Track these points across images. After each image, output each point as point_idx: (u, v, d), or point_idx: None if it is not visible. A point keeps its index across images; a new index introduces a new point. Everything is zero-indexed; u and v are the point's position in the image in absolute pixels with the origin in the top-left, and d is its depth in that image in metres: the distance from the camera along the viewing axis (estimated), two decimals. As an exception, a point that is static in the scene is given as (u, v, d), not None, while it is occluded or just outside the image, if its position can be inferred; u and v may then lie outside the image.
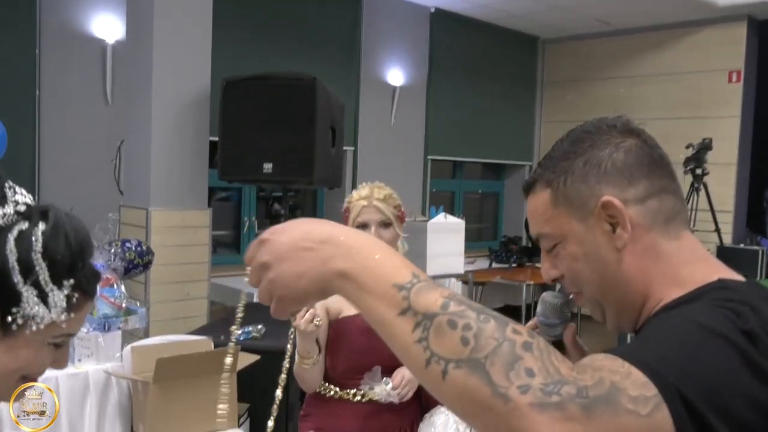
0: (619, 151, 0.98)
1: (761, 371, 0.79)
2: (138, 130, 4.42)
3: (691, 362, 0.78)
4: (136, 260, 3.52)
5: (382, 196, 2.19)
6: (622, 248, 0.96)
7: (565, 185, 0.99)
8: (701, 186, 6.47)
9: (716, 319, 0.83)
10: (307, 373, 2.12)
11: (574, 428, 0.70)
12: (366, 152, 6.62)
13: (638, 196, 0.97)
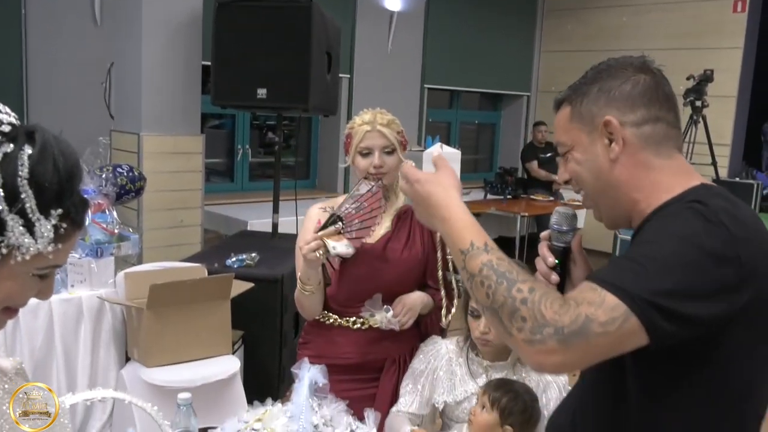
0: (627, 83, 1.22)
1: (721, 257, 1.04)
2: (128, 52, 4.29)
3: (660, 271, 1.03)
4: (128, 186, 3.46)
5: (386, 121, 2.14)
6: (614, 159, 1.21)
7: (581, 105, 1.25)
8: (700, 119, 6.40)
9: (683, 223, 1.08)
10: (307, 300, 2.10)
11: (554, 358, 1.04)
12: (362, 80, 6.50)
13: (635, 121, 1.21)
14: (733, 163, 7.19)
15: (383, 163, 2.12)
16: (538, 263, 1.38)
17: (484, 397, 1.86)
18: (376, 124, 2.12)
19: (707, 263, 1.03)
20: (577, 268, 1.38)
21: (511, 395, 1.84)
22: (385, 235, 2.19)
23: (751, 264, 1.05)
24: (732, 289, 1.04)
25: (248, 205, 5.66)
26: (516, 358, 2.00)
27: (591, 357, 1.07)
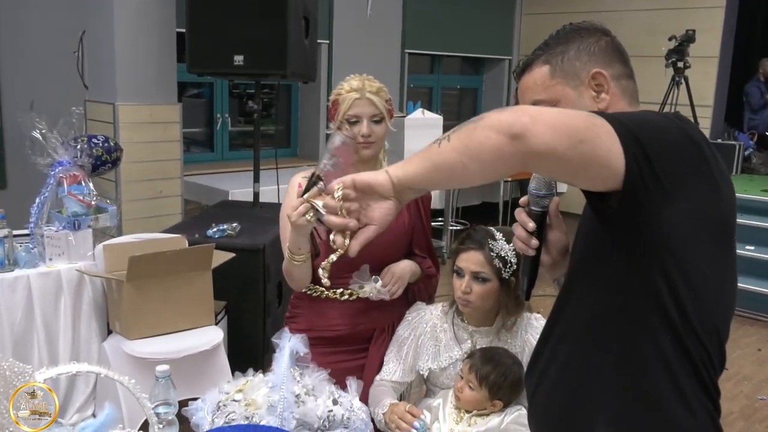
0: (601, 41, 1.32)
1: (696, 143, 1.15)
2: (99, 20, 4.19)
3: (645, 128, 1.09)
4: (104, 156, 3.40)
5: (375, 88, 2.08)
6: (604, 108, 1.27)
7: (562, 62, 1.30)
8: (682, 80, 6.38)
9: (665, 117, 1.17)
10: (297, 270, 2.05)
11: (522, 118, 1.02)
12: (341, 45, 6.41)
13: (615, 75, 1.30)
14: (715, 124, 7.19)
15: (371, 131, 2.07)
16: (517, 228, 1.41)
17: (470, 375, 1.84)
18: (365, 91, 2.06)
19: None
20: (554, 232, 1.44)
21: (500, 370, 1.82)
22: None
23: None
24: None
25: (229, 174, 5.60)
26: (501, 324, 1.98)
27: (566, 135, 1.02)
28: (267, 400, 1.60)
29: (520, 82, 1.36)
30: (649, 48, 7.02)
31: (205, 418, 1.62)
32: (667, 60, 6.39)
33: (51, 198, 3.14)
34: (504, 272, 1.91)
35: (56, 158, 3.12)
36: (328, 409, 1.61)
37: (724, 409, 3.87)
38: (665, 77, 6.47)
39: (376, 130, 2.08)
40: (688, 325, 1.15)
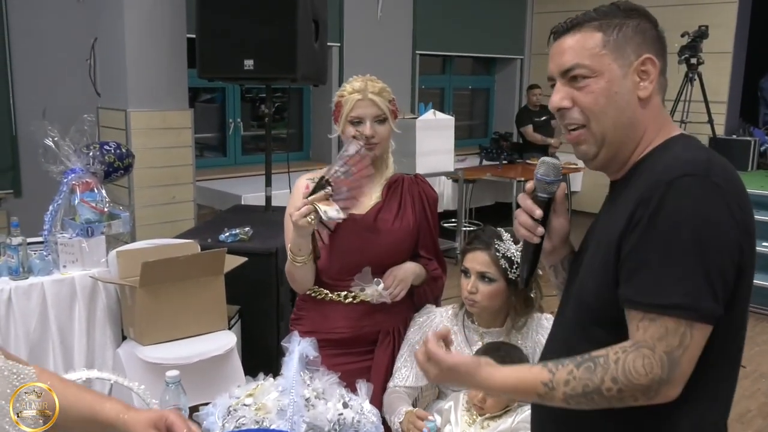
0: (654, 31, 1.26)
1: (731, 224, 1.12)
2: (111, 27, 4.22)
3: (691, 262, 1.10)
4: (116, 163, 3.41)
5: (377, 89, 2.08)
6: (644, 98, 1.23)
7: (617, 35, 1.23)
8: (695, 76, 6.32)
9: (691, 202, 1.11)
10: (298, 271, 2.06)
11: (673, 392, 1.13)
12: (352, 48, 6.41)
13: (661, 67, 1.25)
14: (730, 120, 7.12)
15: (374, 132, 2.07)
16: (521, 215, 1.38)
17: None
18: (367, 92, 2.06)
19: (723, 237, 1.11)
20: (558, 218, 1.41)
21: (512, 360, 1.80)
22: (376, 205, 2.15)
23: (747, 220, 1.15)
24: (739, 247, 1.13)
25: (242, 179, 5.62)
26: (511, 325, 1.97)
27: (691, 368, 1.13)
28: (277, 404, 1.60)
29: (560, 41, 1.27)
30: (662, 44, 6.98)
31: (215, 422, 1.62)
32: (680, 56, 6.33)
33: (64, 205, 3.16)
34: (510, 273, 1.90)
35: (69, 166, 3.15)
36: (338, 412, 1.61)
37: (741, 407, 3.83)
38: (678, 74, 6.42)
39: (379, 131, 2.08)
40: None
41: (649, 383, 1.12)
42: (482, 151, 7.40)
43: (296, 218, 1.87)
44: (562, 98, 1.25)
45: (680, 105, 6.39)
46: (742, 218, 1.12)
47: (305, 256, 2.02)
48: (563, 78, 1.25)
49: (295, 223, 1.88)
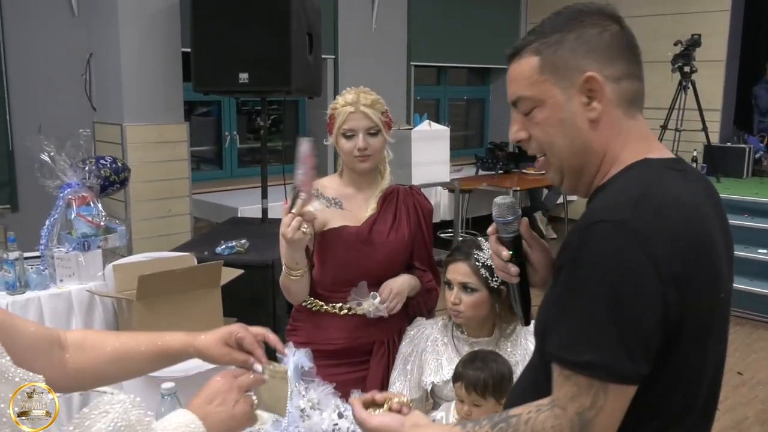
0: (605, 32, 1.11)
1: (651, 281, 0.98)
2: (106, 43, 4.24)
3: (597, 319, 0.99)
4: (111, 177, 3.43)
5: (369, 101, 2.09)
6: (594, 120, 1.10)
7: (555, 55, 1.10)
8: (689, 84, 6.36)
9: (606, 253, 0.99)
10: (294, 285, 2.07)
11: None
12: (347, 60, 6.44)
13: (615, 75, 1.10)
14: (724, 127, 7.16)
15: (367, 145, 2.09)
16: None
17: (471, 395, 1.77)
18: (359, 104, 2.08)
19: (639, 291, 0.98)
20: (534, 251, 1.31)
21: (491, 371, 1.77)
22: (371, 217, 2.15)
23: (674, 264, 0.99)
24: (659, 295, 0.99)
25: (238, 191, 5.63)
26: (500, 334, 1.98)
27: (614, 428, 1.03)
28: (272, 415, 1.60)
29: (509, 69, 1.17)
30: (654, 53, 6.99)
31: (211, 434, 1.62)
32: (673, 65, 6.37)
33: (61, 219, 3.17)
34: (491, 281, 1.92)
35: (65, 180, 3.16)
36: (334, 422, 1.62)
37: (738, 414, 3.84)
38: (672, 82, 6.46)
39: (372, 143, 2.09)
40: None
41: None
42: (478, 161, 7.42)
43: (290, 234, 1.87)
44: (518, 130, 1.18)
45: (674, 113, 6.42)
46: (670, 266, 0.98)
47: (302, 268, 2.03)
48: (515, 109, 1.17)
49: (291, 239, 1.88)
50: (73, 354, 1.30)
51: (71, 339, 1.32)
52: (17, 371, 1.04)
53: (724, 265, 1.09)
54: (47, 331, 1.31)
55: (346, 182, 2.20)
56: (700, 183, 1.15)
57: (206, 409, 1.16)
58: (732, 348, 4.80)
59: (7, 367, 1.04)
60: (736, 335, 5.06)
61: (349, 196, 2.17)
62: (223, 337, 1.32)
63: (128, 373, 1.37)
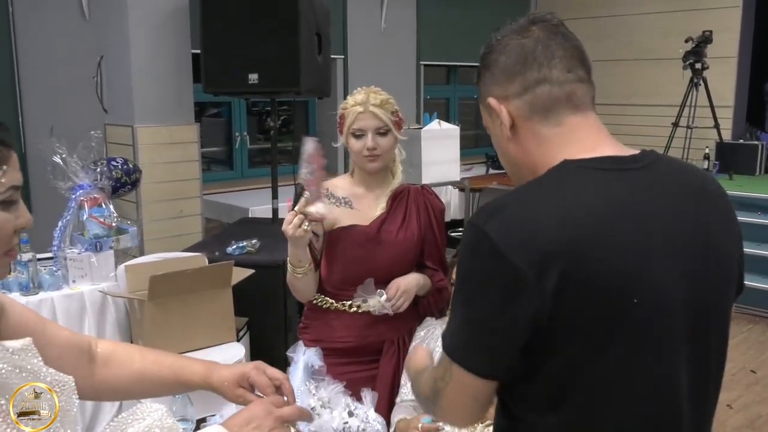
0: (503, 54, 1.14)
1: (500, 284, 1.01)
2: (117, 45, 4.27)
3: (456, 312, 1.09)
4: (123, 178, 3.45)
5: (379, 101, 2.09)
6: (509, 138, 1.14)
7: (479, 89, 1.19)
8: (701, 81, 6.32)
9: (465, 256, 1.07)
10: (299, 282, 2.08)
11: (448, 418, 1.32)
12: (356, 60, 6.44)
13: (517, 91, 1.12)
14: (737, 124, 7.10)
15: (377, 144, 2.09)
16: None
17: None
18: (368, 104, 2.08)
19: (477, 289, 1.04)
20: None
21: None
22: (380, 216, 2.16)
23: (535, 263, 0.98)
24: (512, 297, 0.99)
25: (249, 192, 5.64)
26: None
27: (463, 408, 1.14)
28: (283, 413, 1.60)
29: None
30: (665, 50, 6.97)
31: (222, 433, 1.63)
32: (684, 62, 6.33)
33: (73, 221, 3.20)
34: None
35: (77, 182, 3.19)
36: (344, 421, 1.62)
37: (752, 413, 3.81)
38: (683, 79, 6.42)
39: (381, 143, 2.09)
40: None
41: (425, 400, 1.22)
42: (488, 160, 7.41)
43: (291, 231, 1.88)
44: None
45: (686, 110, 6.39)
46: (523, 273, 0.98)
47: (305, 266, 2.04)
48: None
49: (292, 236, 1.89)
50: (101, 367, 1.34)
51: (101, 351, 1.35)
52: (48, 371, 1.06)
53: (655, 270, 1.03)
54: (78, 338, 1.34)
55: (356, 182, 2.21)
56: (645, 181, 1.08)
57: (241, 430, 1.18)
58: (745, 346, 4.77)
59: (39, 368, 1.06)
60: (749, 333, 5.03)
61: (360, 195, 2.18)
62: (237, 379, 1.34)
63: (146, 395, 1.40)
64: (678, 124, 6.44)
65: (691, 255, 1.06)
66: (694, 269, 1.06)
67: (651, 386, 1.05)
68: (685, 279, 1.05)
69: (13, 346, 1.06)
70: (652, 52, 7.23)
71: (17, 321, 1.19)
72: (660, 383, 1.06)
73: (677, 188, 1.10)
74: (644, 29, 7.31)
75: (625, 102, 7.19)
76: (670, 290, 1.03)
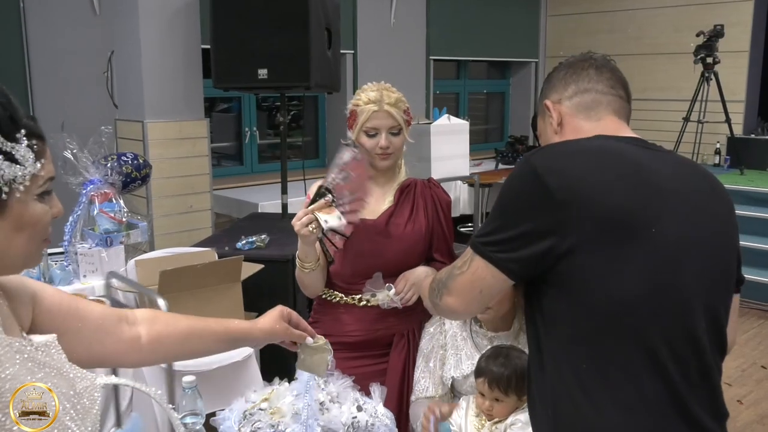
0: (562, 71, 1.52)
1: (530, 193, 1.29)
2: (127, 40, 4.28)
3: (492, 214, 1.35)
4: (133, 174, 3.46)
5: (393, 100, 2.10)
6: (556, 131, 1.49)
7: (539, 100, 1.56)
8: (712, 75, 6.28)
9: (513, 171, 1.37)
10: (307, 278, 2.09)
11: (450, 300, 1.44)
12: (366, 55, 6.44)
13: (569, 95, 1.48)
14: (748, 119, 7.06)
15: (390, 143, 2.10)
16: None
17: (493, 391, 1.79)
18: (383, 103, 2.08)
19: (514, 197, 1.31)
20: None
21: (514, 367, 1.78)
22: (388, 209, 2.16)
23: (563, 189, 1.24)
24: (543, 210, 1.25)
25: (258, 187, 5.66)
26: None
27: (467, 294, 1.40)
28: (292, 408, 1.62)
29: None
30: (677, 45, 6.93)
31: (232, 427, 1.64)
32: (695, 56, 6.30)
33: (84, 216, 3.21)
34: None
35: (87, 177, 3.20)
36: (353, 415, 1.62)
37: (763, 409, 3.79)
38: (695, 73, 6.38)
39: (394, 142, 2.10)
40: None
41: (437, 281, 1.50)
42: (498, 155, 7.40)
43: (298, 228, 1.89)
44: None
45: (697, 105, 6.35)
46: (556, 195, 1.24)
47: (312, 263, 2.05)
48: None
49: (298, 232, 1.91)
50: (149, 327, 1.37)
51: (141, 315, 1.39)
52: (71, 368, 1.08)
53: (671, 214, 1.27)
54: (112, 310, 1.38)
55: None
56: (671, 157, 1.40)
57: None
58: (756, 341, 4.75)
59: (63, 363, 1.07)
60: (760, 329, 5.01)
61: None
62: (279, 316, 1.53)
63: (194, 353, 1.47)
64: (689, 118, 6.40)
65: (702, 222, 1.32)
66: (703, 235, 1.31)
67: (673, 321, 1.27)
68: (695, 230, 1.30)
69: (37, 341, 1.08)
70: (663, 46, 7.19)
71: (50, 305, 1.21)
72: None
73: (692, 170, 1.40)
74: (655, 23, 7.27)
75: (636, 97, 7.09)
76: (683, 230, 1.28)
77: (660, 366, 1.23)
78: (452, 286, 1.41)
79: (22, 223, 1.01)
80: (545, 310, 1.32)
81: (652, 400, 1.23)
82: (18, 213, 1.00)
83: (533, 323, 1.37)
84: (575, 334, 1.27)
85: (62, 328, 1.19)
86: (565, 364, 1.28)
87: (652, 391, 1.23)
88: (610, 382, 1.24)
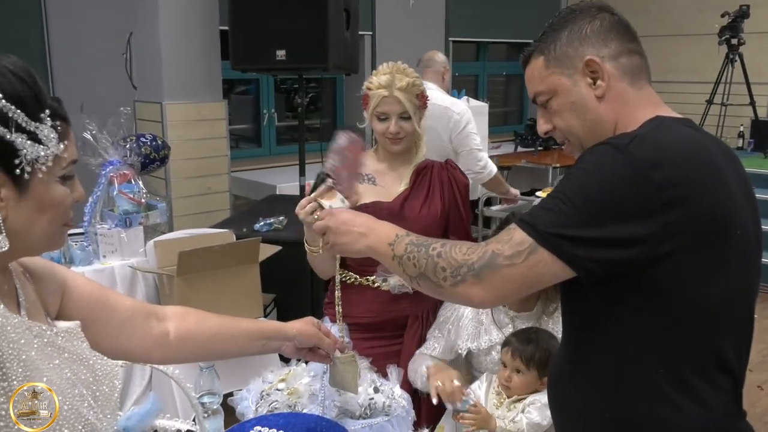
0: (595, 21, 1.26)
1: (625, 183, 1.10)
2: (146, 21, 4.28)
3: (567, 204, 1.13)
4: (152, 155, 3.47)
5: (405, 84, 2.07)
6: (601, 96, 1.25)
7: (555, 51, 1.28)
8: (737, 57, 6.17)
9: (595, 157, 1.16)
10: (316, 260, 2.09)
11: (475, 291, 1.19)
12: (384, 36, 6.39)
13: (611, 54, 1.25)
14: (774, 101, 6.95)
15: (399, 129, 2.09)
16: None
17: (515, 361, 1.83)
18: (393, 89, 2.06)
19: (609, 192, 1.11)
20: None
21: (542, 346, 1.81)
22: (404, 192, 2.15)
23: (671, 187, 1.09)
24: (645, 210, 1.09)
25: (277, 169, 5.66)
26: (542, 309, 1.97)
27: (509, 288, 1.18)
28: (309, 388, 1.62)
29: (525, 74, 1.36)
30: (701, 26, 6.81)
31: (249, 407, 1.65)
32: (720, 37, 6.19)
33: (103, 197, 3.23)
34: None
35: (107, 158, 3.21)
36: (369, 397, 1.62)
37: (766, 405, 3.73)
38: (719, 55, 6.28)
39: (404, 127, 2.08)
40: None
41: (460, 263, 1.20)
42: (517, 138, 7.34)
43: (301, 216, 1.88)
44: (544, 123, 1.33)
45: (720, 87, 6.25)
46: (661, 190, 1.09)
47: (318, 246, 2.03)
48: (538, 104, 1.34)
49: (302, 220, 1.90)
50: (178, 323, 1.36)
51: (171, 311, 1.39)
52: (92, 353, 1.09)
53: (743, 212, 1.19)
54: (142, 304, 1.38)
55: (380, 158, 2.20)
56: (713, 139, 1.27)
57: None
58: (777, 328, 4.69)
59: (83, 349, 1.08)
60: (781, 315, 4.94)
61: (383, 172, 2.17)
62: (310, 321, 1.51)
63: (226, 352, 1.45)
64: (712, 101, 6.31)
65: (752, 216, 1.24)
66: (752, 219, 1.24)
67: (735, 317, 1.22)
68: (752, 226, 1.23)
69: (60, 326, 1.08)
70: (687, 27, 7.08)
71: (80, 294, 1.22)
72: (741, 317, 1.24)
73: (723, 148, 1.27)
74: (679, 4, 7.15)
75: (659, 79, 6.99)
76: (751, 231, 1.21)
77: (730, 363, 1.21)
78: (490, 276, 1.16)
79: (43, 205, 1.01)
80: (613, 313, 1.19)
81: (727, 399, 1.22)
82: (40, 194, 1.00)
83: (582, 321, 1.27)
84: (650, 338, 1.17)
85: (90, 318, 1.20)
86: (633, 365, 1.19)
87: (725, 390, 1.21)
88: (688, 385, 1.18)
